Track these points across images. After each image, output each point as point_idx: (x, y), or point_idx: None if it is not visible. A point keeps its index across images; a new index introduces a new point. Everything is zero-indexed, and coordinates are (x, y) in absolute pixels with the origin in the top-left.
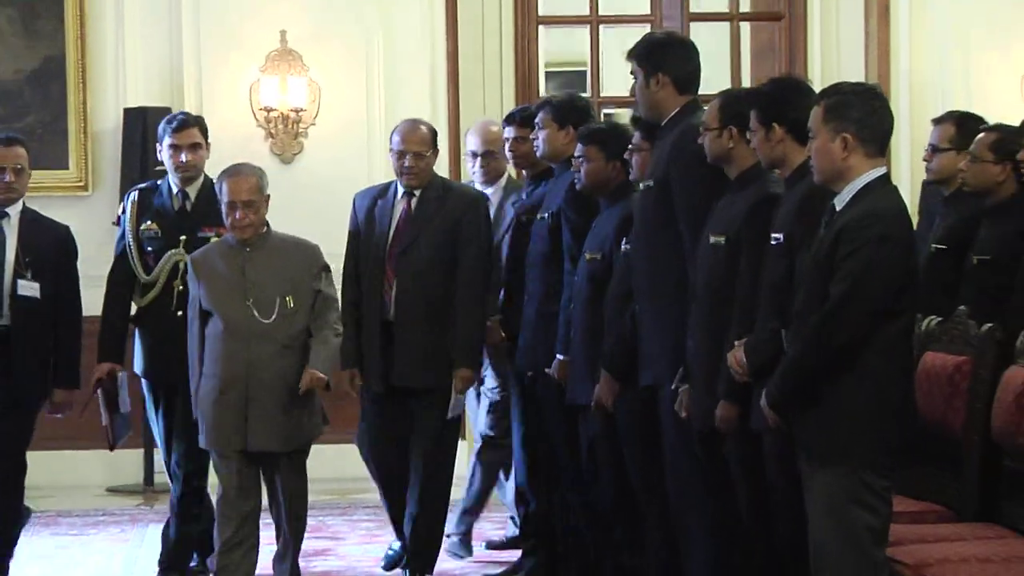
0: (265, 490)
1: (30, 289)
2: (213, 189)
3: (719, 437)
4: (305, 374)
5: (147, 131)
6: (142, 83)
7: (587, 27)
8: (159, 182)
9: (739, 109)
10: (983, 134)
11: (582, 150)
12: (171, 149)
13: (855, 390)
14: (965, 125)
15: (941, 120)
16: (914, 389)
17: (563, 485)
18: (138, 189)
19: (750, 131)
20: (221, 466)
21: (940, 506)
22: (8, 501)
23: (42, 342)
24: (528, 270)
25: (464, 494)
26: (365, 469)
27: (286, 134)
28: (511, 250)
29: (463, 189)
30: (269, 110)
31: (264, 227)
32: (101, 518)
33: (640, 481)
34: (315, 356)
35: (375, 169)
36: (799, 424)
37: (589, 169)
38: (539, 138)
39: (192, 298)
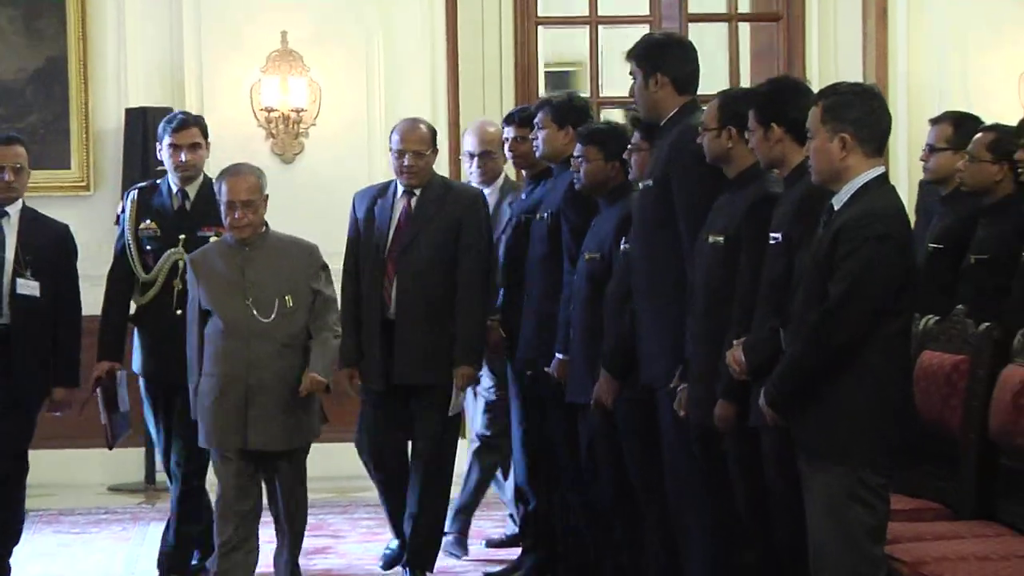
0: (265, 489)
1: (29, 288)
2: (212, 189)
3: (717, 435)
4: (305, 378)
5: (148, 131)
6: (143, 83)
7: (586, 27)
8: (158, 181)
9: (738, 109)
10: (981, 134)
11: (581, 150)
12: (170, 149)
13: (854, 389)
14: (962, 125)
15: (938, 120)
16: (913, 388)
17: (563, 485)
18: (137, 188)
19: (748, 131)
20: (220, 466)
21: (938, 504)
22: (10, 500)
23: (42, 341)
24: (527, 270)
25: (459, 493)
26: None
27: (287, 134)
28: (511, 250)
29: (463, 188)
30: (270, 110)
31: (263, 227)
32: (103, 516)
33: (639, 480)
34: (315, 359)
35: (375, 169)
36: (798, 423)
37: (588, 169)
38: (538, 138)
39: (191, 298)
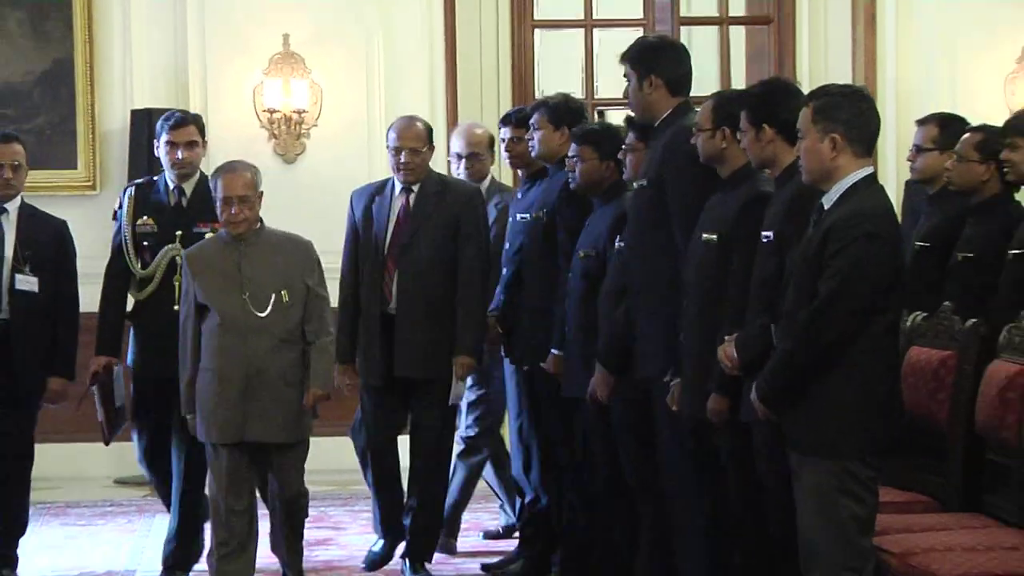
0: (263, 486)
1: (28, 284)
2: (209, 185)
3: (711, 429)
4: (307, 395)
5: (153, 132)
6: (148, 85)
7: (581, 30)
8: (155, 178)
9: (731, 110)
10: (968, 134)
11: (576, 150)
12: (168, 146)
13: (843, 385)
14: (948, 126)
15: (925, 121)
16: (900, 385)
17: (563, 485)
18: (135, 185)
19: (741, 132)
20: (215, 461)
21: (926, 496)
22: (16, 494)
23: (41, 336)
24: (524, 267)
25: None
26: None
27: (289, 135)
28: (508, 247)
29: (460, 184)
30: (272, 111)
31: (258, 223)
32: (109, 509)
33: (634, 479)
34: (315, 374)
35: (376, 168)
36: (788, 418)
37: (583, 169)
38: (534, 139)
39: (185, 293)
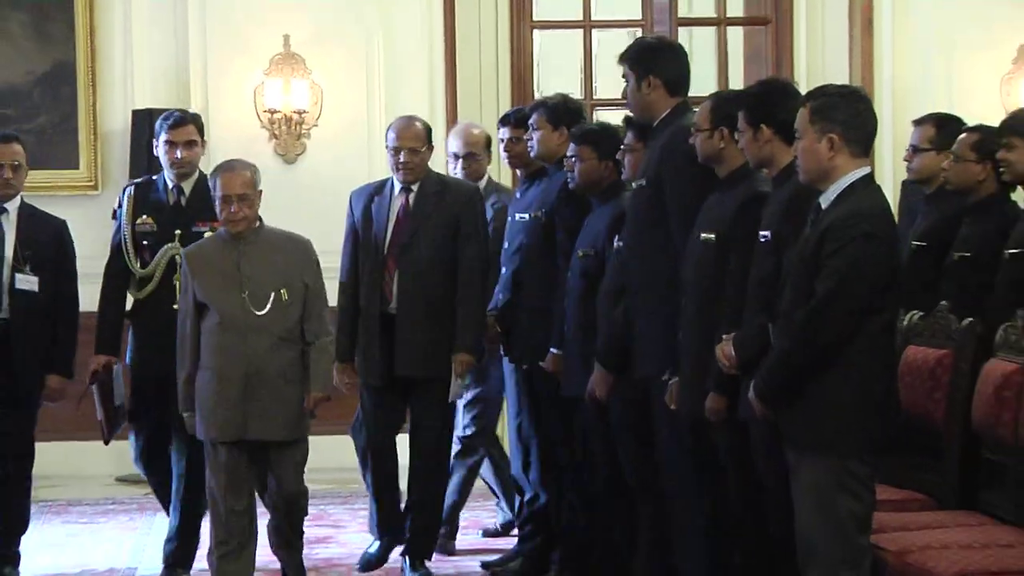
0: (262, 485)
1: (28, 283)
2: (207, 184)
3: (709, 427)
4: (308, 398)
5: (154, 132)
6: (149, 86)
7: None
8: (155, 177)
9: (729, 110)
10: (965, 134)
11: (575, 150)
12: (167, 145)
13: (840, 384)
14: (945, 126)
15: (922, 121)
16: (897, 384)
17: (562, 484)
18: (134, 184)
19: (739, 132)
20: (213, 459)
21: (922, 495)
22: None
23: (41, 335)
24: (523, 267)
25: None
26: None
27: (289, 135)
28: (507, 246)
29: (459, 184)
30: (273, 112)
31: (257, 221)
32: (110, 507)
33: (634, 479)
34: (315, 377)
35: (376, 168)
36: (785, 417)
37: (582, 168)
38: (533, 139)
39: (184, 291)
